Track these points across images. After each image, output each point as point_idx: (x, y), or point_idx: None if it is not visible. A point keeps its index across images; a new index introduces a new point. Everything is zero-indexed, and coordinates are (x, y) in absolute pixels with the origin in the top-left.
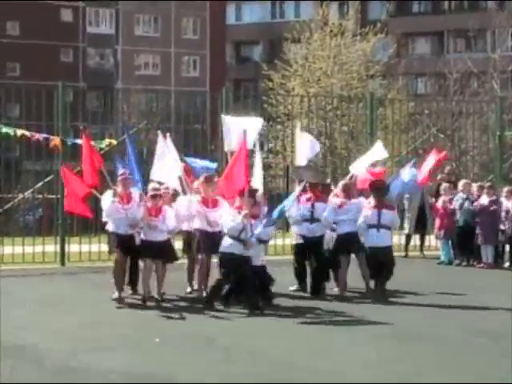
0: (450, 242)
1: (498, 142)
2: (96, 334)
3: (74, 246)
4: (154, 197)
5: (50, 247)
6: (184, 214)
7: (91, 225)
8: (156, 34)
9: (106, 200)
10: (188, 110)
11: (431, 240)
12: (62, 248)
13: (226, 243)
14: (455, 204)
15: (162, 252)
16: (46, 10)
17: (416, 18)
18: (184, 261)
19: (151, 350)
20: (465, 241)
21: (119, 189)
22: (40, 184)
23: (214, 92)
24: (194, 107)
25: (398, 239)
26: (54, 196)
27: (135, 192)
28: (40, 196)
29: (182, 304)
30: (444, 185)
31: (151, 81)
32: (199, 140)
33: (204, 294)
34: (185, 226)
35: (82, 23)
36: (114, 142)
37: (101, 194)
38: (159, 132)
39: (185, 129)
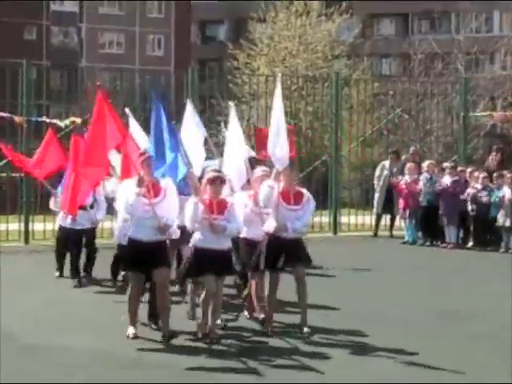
0: (414, 221)
1: (463, 123)
2: (60, 313)
3: (38, 225)
4: (213, 182)
5: (14, 225)
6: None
7: None
8: (121, 12)
9: (128, 191)
10: (153, 89)
11: (396, 220)
12: (26, 226)
13: None
14: (420, 184)
15: (226, 267)
16: None
17: None
18: None
19: (116, 330)
20: (428, 221)
21: (143, 174)
22: (3, 162)
23: (178, 71)
24: (159, 86)
25: (369, 219)
26: (17, 174)
27: (166, 180)
28: (3, 174)
29: None
30: (408, 165)
31: (116, 59)
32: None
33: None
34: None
35: (45, 1)
36: (78, 120)
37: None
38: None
39: (150, 108)
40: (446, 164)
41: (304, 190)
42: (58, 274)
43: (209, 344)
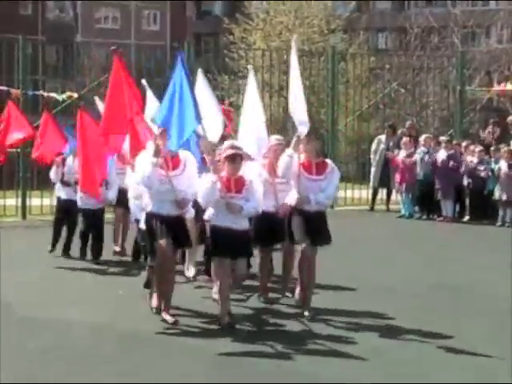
0: (410, 195)
1: (459, 97)
2: (59, 286)
3: (35, 200)
4: (232, 159)
5: (11, 201)
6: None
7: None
8: None
9: (144, 162)
10: (148, 64)
11: (393, 194)
12: (24, 201)
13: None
14: (416, 158)
15: (243, 249)
16: None
17: None
18: None
19: (114, 303)
20: (425, 194)
21: (160, 144)
22: None
23: (174, 46)
24: (155, 61)
25: (366, 193)
26: (14, 150)
27: (185, 152)
28: None
29: None
30: (404, 139)
31: (111, 34)
32: (160, 94)
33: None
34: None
35: None
36: (75, 94)
37: None
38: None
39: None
40: (442, 138)
41: (328, 161)
42: (50, 248)
43: (228, 328)
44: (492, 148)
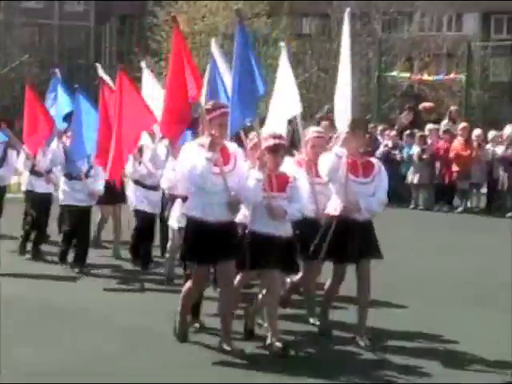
0: None
1: (377, 83)
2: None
3: None
4: (274, 150)
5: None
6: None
7: None
8: None
9: (194, 157)
10: (71, 44)
11: None
12: None
13: None
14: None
15: (288, 259)
16: None
17: None
18: None
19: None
20: None
21: (216, 135)
22: None
23: (98, 27)
24: (79, 42)
25: None
26: None
27: (232, 143)
28: None
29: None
30: (323, 123)
31: (34, 14)
32: (83, 75)
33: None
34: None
35: None
36: None
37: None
38: None
39: (69, 64)
40: None
41: (374, 159)
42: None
43: (280, 355)
44: (406, 132)
